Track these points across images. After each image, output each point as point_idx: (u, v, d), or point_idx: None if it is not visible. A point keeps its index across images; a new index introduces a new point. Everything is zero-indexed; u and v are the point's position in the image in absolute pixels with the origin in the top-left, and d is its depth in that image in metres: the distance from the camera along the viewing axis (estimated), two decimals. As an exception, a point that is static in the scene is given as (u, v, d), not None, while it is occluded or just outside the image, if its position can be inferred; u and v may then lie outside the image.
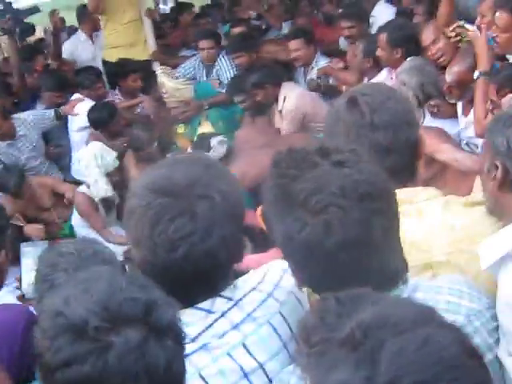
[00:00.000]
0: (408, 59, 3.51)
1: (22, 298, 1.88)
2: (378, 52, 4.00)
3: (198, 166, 1.24)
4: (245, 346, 1.23)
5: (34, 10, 6.17)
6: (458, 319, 1.15)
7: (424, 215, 1.45)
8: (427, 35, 3.67)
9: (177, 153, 4.70)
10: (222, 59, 5.20)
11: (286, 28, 6.47)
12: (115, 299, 0.96)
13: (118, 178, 4.38)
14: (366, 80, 4.37)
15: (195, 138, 4.72)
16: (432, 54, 3.58)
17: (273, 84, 4.52)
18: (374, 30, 5.13)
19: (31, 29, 6.80)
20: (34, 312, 1.70)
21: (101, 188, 4.30)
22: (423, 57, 3.62)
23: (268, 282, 1.33)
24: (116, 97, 5.10)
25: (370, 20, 5.39)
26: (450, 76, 3.22)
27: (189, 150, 4.42)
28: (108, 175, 4.31)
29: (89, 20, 6.22)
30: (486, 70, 2.96)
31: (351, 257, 1.10)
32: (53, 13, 6.48)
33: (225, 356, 1.21)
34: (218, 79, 5.23)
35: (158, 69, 4.95)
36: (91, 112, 4.73)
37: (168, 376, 0.97)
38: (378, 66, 4.22)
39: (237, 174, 3.95)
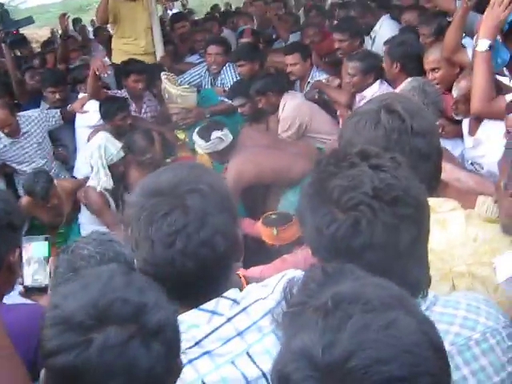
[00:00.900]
0: (409, 79, 3.52)
1: (25, 291, 1.86)
2: (384, 63, 4.10)
3: (182, 168, 1.30)
4: (249, 355, 1.24)
5: (28, 21, 6.27)
6: (474, 336, 1.17)
7: (448, 225, 1.47)
8: (429, 60, 3.71)
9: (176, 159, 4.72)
10: (228, 68, 5.23)
11: (292, 39, 6.51)
12: (107, 298, 1.02)
13: (122, 169, 4.42)
14: (360, 95, 4.40)
15: (195, 146, 4.70)
16: (431, 79, 3.64)
17: (275, 92, 4.57)
18: (376, 45, 5.26)
19: (22, 40, 6.88)
20: None
21: (101, 179, 4.34)
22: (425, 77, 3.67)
23: (278, 291, 1.32)
24: (122, 96, 5.05)
25: (372, 34, 5.45)
26: (457, 91, 3.23)
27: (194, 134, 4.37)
28: (113, 166, 4.35)
29: None
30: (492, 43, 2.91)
31: (375, 259, 1.12)
32: (63, 16, 6.53)
33: (228, 364, 1.22)
34: (223, 87, 5.26)
35: (161, 74, 4.95)
36: (104, 103, 4.76)
37: (150, 377, 1.01)
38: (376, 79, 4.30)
39: (233, 170, 4.03)
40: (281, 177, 4.16)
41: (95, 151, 4.33)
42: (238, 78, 5.15)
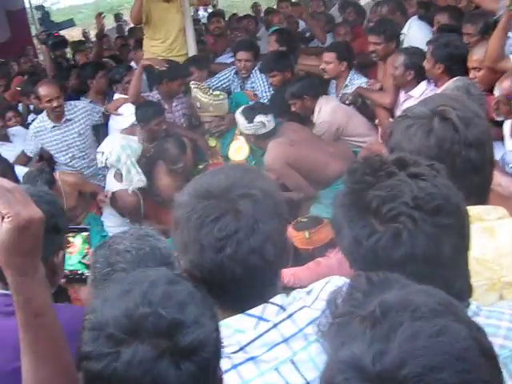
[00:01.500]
0: (453, 79, 3.49)
1: (66, 281, 1.87)
2: (424, 63, 4.02)
3: (236, 170, 1.27)
4: (293, 363, 1.22)
5: (70, 23, 6.37)
6: None
7: (496, 234, 1.43)
8: (473, 58, 3.66)
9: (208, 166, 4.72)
10: (258, 72, 5.20)
11: (329, 40, 6.45)
12: (142, 311, 1.00)
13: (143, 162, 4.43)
14: (403, 93, 4.36)
15: (228, 152, 4.76)
16: (472, 77, 3.59)
17: (311, 96, 4.54)
18: (405, 46, 5.10)
19: (63, 42, 6.92)
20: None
21: (134, 178, 4.37)
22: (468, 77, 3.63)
23: (323, 299, 1.29)
24: (152, 98, 5.08)
25: (401, 37, 5.33)
26: (499, 90, 3.17)
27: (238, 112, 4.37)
28: (140, 157, 4.40)
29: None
30: None
31: (417, 270, 1.09)
32: (99, 15, 6.58)
33: (272, 371, 1.21)
34: (254, 91, 5.23)
35: (191, 84, 4.93)
36: (140, 107, 4.76)
37: None
38: (419, 78, 4.24)
39: (274, 149, 4.07)
40: (316, 171, 4.16)
41: (121, 153, 4.35)
42: (268, 82, 5.11)
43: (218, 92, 4.97)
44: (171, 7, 5.75)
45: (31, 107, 6.06)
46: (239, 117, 4.24)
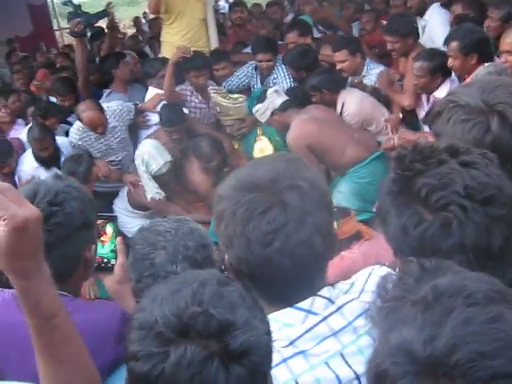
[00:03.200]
0: (485, 65, 3.43)
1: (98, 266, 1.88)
2: (450, 62, 3.87)
3: (279, 161, 1.23)
4: (343, 356, 1.20)
5: (104, 14, 6.24)
6: None
7: None
8: (506, 41, 3.56)
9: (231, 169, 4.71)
10: (280, 68, 5.14)
11: (355, 30, 6.37)
12: (192, 310, 0.96)
13: (168, 179, 4.47)
14: (425, 95, 4.28)
15: (253, 152, 4.73)
16: (503, 61, 3.52)
17: (330, 90, 4.46)
18: (426, 34, 5.10)
19: (101, 33, 6.81)
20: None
21: (151, 190, 4.42)
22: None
23: (369, 291, 1.27)
24: (186, 91, 5.01)
25: (422, 23, 5.26)
26: None
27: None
28: (156, 177, 4.40)
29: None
30: None
31: (465, 260, 1.07)
32: (108, 5, 6.38)
33: (322, 364, 1.19)
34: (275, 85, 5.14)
35: (210, 89, 4.89)
36: (162, 110, 4.73)
37: None
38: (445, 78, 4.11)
39: (297, 126, 4.04)
40: (332, 153, 4.11)
41: (140, 165, 4.42)
42: (291, 76, 5.05)
43: (236, 95, 4.94)
44: None
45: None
46: (255, 110, 4.23)
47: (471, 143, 1.33)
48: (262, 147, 4.75)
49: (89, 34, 5.92)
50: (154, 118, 4.96)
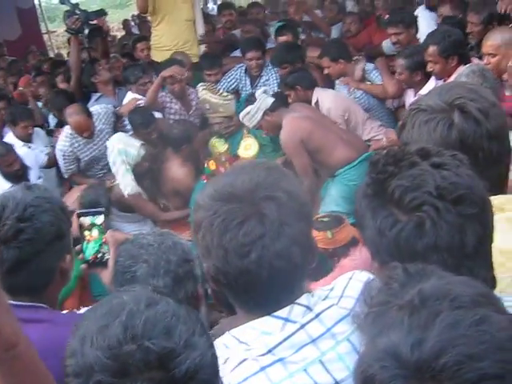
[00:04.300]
0: (467, 65, 3.48)
1: (87, 266, 1.87)
2: (430, 67, 3.93)
3: (259, 170, 1.22)
4: (322, 363, 1.20)
5: (101, 12, 6.25)
6: None
7: None
8: (488, 44, 3.62)
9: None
10: (272, 70, 5.18)
11: (335, 32, 6.42)
12: (127, 350, 0.91)
13: (146, 167, 4.45)
14: (412, 93, 4.33)
15: (238, 150, 4.76)
16: (486, 63, 3.56)
17: (303, 86, 4.56)
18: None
19: (99, 30, 6.69)
20: None
21: (127, 184, 4.38)
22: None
23: (348, 296, 1.29)
24: (165, 97, 5.04)
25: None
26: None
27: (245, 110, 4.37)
28: (137, 165, 4.39)
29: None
30: None
31: (440, 260, 1.09)
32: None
33: (301, 372, 1.18)
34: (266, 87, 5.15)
35: (199, 85, 4.92)
36: (130, 114, 4.72)
37: None
38: (426, 76, 4.18)
39: (289, 124, 4.07)
40: (323, 152, 4.14)
41: (117, 157, 4.36)
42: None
43: (225, 93, 4.96)
44: None
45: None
46: (244, 112, 4.25)
47: (438, 142, 1.36)
48: (247, 144, 4.78)
49: (86, 31, 5.87)
50: None
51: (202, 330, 1.00)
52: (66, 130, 4.80)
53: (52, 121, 5.82)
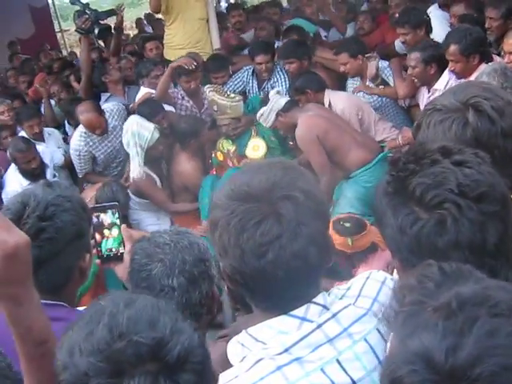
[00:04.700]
0: (490, 63, 3.43)
1: (101, 261, 1.85)
2: (452, 66, 3.91)
3: (275, 169, 1.21)
4: (339, 362, 1.20)
5: (112, 12, 6.22)
6: None
7: None
8: (510, 42, 3.59)
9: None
10: (280, 73, 5.16)
11: (350, 30, 6.41)
12: (117, 348, 0.93)
13: (161, 148, 4.48)
14: (425, 89, 4.30)
15: (246, 151, 4.75)
16: (507, 61, 3.52)
17: (314, 90, 4.50)
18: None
19: (109, 30, 6.71)
20: None
21: (135, 168, 4.42)
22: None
23: (366, 296, 1.29)
24: (177, 94, 5.05)
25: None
26: None
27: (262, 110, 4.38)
28: (151, 148, 4.41)
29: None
30: None
31: (462, 258, 1.08)
32: (119, 7, 6.35)
33: (318, 371, 1.18)
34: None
35: (207, 86, 4.88)
36: (139, 105, 4.73)
37: None
38: (440, 70, 4.17)
39: (304, 122, 4.05)
40: (339, 152, 4.11)
41: (130, 139, 4.40)
42: (288, 79, 5.08)
43: (233, 94, 4.94)
44: None
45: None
46: (259, 114, 4.25)
47: (454, 141, 1.36)
48: (255, 145, 4.77)
49: (96, 31, 5.82)
50: None
51: (182, 316, 1.02)
52: (80, 129, 4.82)
53: (69, 130, 5.81)
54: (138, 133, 4.38)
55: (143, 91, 5.14)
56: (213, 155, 4.70)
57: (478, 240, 1.09)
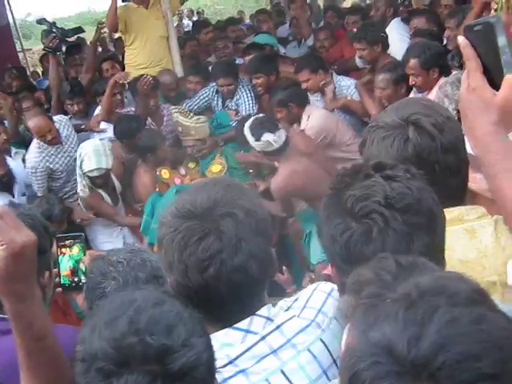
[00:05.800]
0: (454, 72, 3.50)
1: (63, 290, 1.90)
2: (412, 80, 3.99)
3: (218, 187, 1.28)
4: (283, 373, 1.24)
5: (79, 30, 6.23)
6: None
7: (477, 235, 1.46)
8: None
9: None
10: (242, 89, 5.20)
11: (310, 41, 6.56)
12: (129, 342, 0.99)
13: (100, 182, 4.50)
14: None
15: (206, 173, 4.76)
16: None
17: (297, 104, 4.50)
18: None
19: (77, 47, 6.64)
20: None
21: (79, 184, 4.55)
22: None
23: (311, 307, 1.34)
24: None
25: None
26: None
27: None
28: (93, 177, 4.45)
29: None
30: None
31: None
32: (99, 24, 6.24)
33: (263, 382, 1.23)
34: (236, 109, 5.22)
35: (172, 108, 4.97)
36: (118, 123, 4.76)
37: None
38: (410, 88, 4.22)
39: (283, 177, 3.98)
40: (315, 201, 3.98)
41: (77, 159, 4.48)
42: (253, 98, 5.13)
43: (198, 116, 4.95)
44: (150, 14, 5.74)
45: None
46: (247, 134, 4.14)
47: (396, 157, 1.42)
48: (216, 165, 4.81)
49: (64, 48, 5.84)
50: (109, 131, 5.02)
51: (202, 332, 1.07)
52: (34, 143, 4.75)
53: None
54: (81, 160, 4.40)
55: (99, 109, 5.20)
56: (157, 173, 4.71)
57: (402, 249, 1.14)
